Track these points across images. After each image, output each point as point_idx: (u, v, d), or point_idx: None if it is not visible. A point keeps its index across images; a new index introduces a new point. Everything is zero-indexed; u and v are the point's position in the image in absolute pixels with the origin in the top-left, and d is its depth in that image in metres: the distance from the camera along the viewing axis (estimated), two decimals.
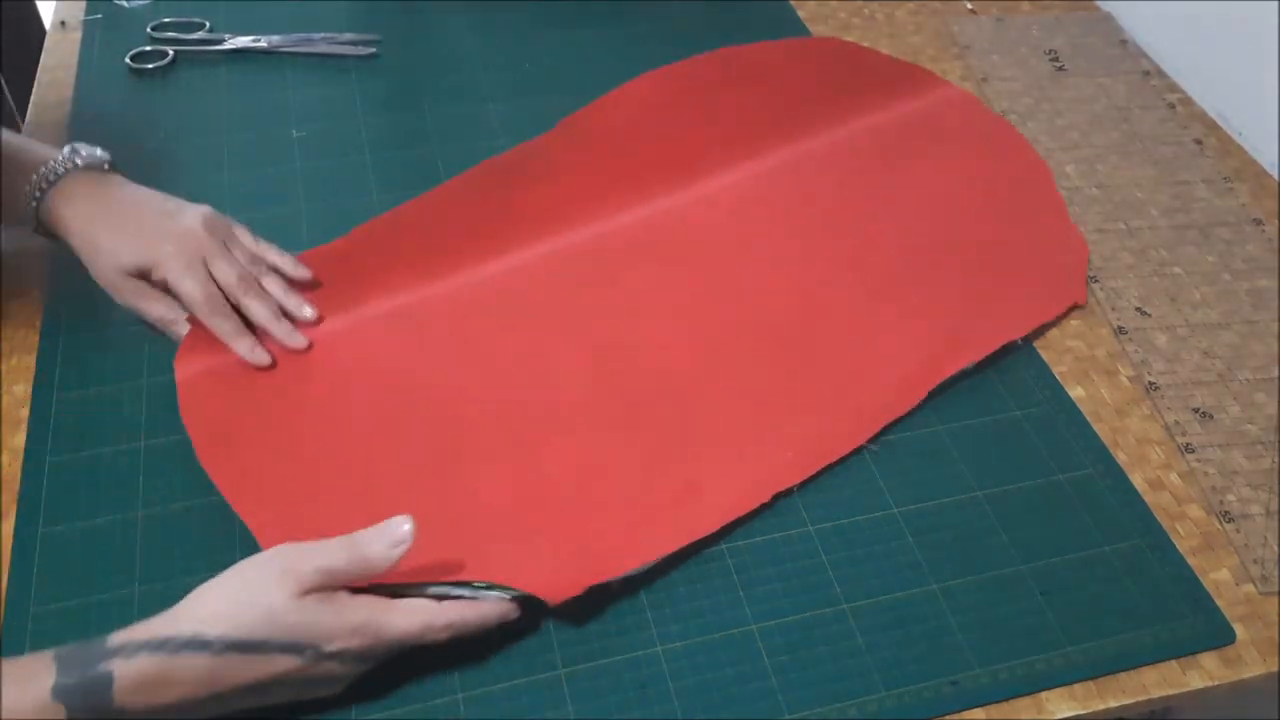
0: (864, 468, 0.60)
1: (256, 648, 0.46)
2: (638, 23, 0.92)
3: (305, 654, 0.46)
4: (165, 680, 0.45)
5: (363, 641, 0.48)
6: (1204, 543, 0.57)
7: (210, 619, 0.46)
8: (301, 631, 0.47)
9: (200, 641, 0.45)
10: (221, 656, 0.45)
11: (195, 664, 0.45)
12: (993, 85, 0.87)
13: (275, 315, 0.63)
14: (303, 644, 0.46)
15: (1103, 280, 0.71)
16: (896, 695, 0.51)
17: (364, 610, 0.48)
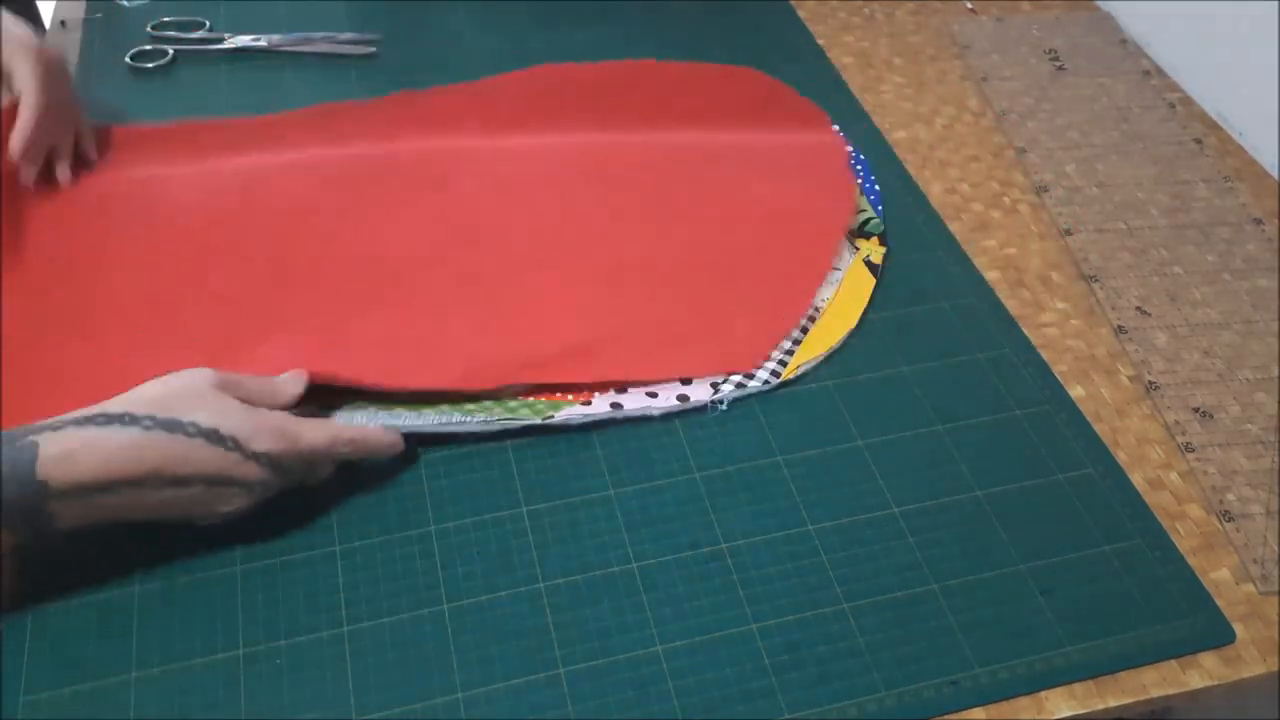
0: (864, 467, 0.60)
1: (183, 429, 0.48)
2: (638, 23, 0.92)
3: (228, 446, 0.49)
4: (90, 451, 0.46)
5: (281, 446, 0.50)
6: (1204, 542, 0.57)
7: (139, 402, 0.48)
8: (227, 422, 0.49)
9: (129, 417, 0.47)
10: (148, 433, 0.47)
11: (121, 438, 0.46)
12: (992, 85, 0.87)
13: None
14: (225, 435, 0.49)
15: (1102, 279, 0.71)
16: (896, 695, 0.51)
17: (280, 417, 0.52)
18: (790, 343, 0.66)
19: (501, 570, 0.55)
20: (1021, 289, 0.71)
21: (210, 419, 0.49)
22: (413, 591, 0.54)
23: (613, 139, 0.78)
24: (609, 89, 0.83)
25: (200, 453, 0.48)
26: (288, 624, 0.53)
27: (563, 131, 0.78)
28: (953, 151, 0.82)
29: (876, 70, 0.89)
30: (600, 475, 0.59)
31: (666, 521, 0.57)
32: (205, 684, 0.50)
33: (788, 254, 0.71)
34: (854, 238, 0.73)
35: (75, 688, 0.50)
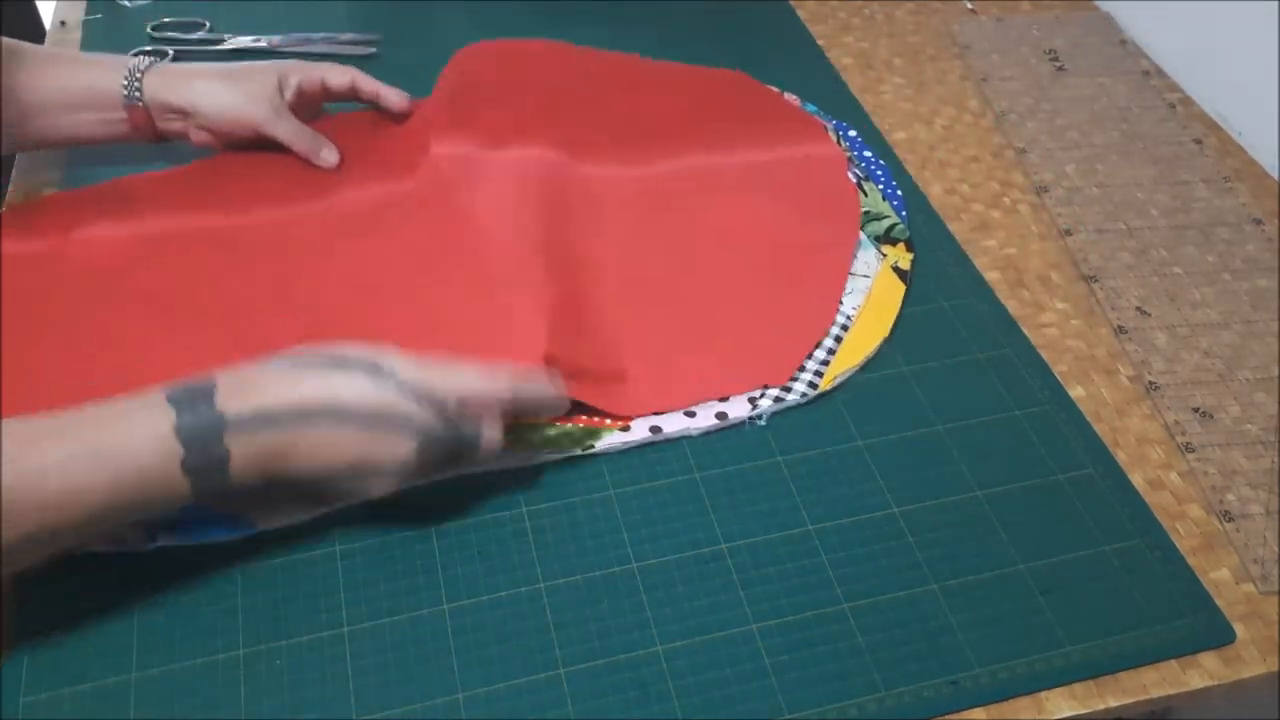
0: (863, 467, 0.60)
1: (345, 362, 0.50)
2: (637, 23, 0.92)
3: (385, 378, 0.50)
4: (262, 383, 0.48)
5: (439, 383, 0.51)
6: (1204, 542, 0.57)
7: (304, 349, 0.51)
8: (386, 359, 0.51)
9: (296, 355, 0.50)
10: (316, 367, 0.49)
11: (292, 371, 0.49)
12: (992, 85, 0.87)
13: None
14: (385, 368, 0.50)
15: (1102, 280, 0.71)
16: (896, 695, 0.51)
17: (436, 360, 0.52)
18: (825, 353, 0.65)
19: (501, 570, 0.55)
20: (1021, 289, 0.71)
21: (371, 355, 0.51)
22: (413, 591, 0.54)
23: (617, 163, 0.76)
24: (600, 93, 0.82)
25: (361, 386, 0.49)
26: (288, 624, 0.53)
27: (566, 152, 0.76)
28: (953, 152, 0.82)
29: (876, 71, 0.89)
30: (600, 475, 0.59)
31: (666, 521, 0.57)
32: (205, 684, 0.50)
33: (804, 267, 0.70)
34: (880, 244, 0.72)
35: (75, 688, 0.50)
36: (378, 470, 0.51)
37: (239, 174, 0.75)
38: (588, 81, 0.83)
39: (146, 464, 0.46)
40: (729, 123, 0.81)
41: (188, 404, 0.47)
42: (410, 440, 0.50)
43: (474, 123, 0.77)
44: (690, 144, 0.79)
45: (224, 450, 0.47)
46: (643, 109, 0.82)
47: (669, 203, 0.74)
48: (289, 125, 0.73)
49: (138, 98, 0.70)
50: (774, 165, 0.78)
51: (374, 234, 0.71)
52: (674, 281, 0.69)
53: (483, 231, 0.70)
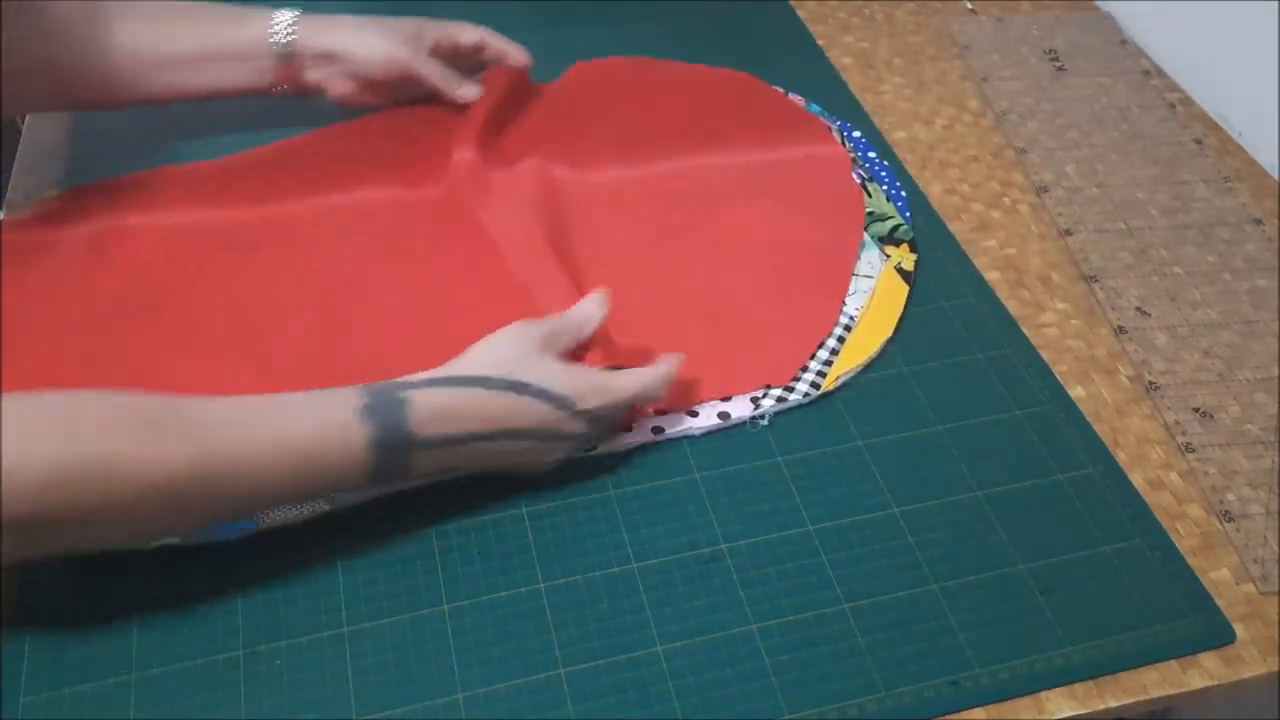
0: (864, 467, 0.60)
1: (527, 390, 0.53)
2: (637, 22, 0.92)
3: (560, 406, 0.54)
4: (456, 409, 0.52)
5: (602, 401, 0.55)
6: (1204, 542, 0.57)
7: (484, 363, 0.54)
8: (558, 383, 0.54)
9: (484, 380, 0.53)
10: (498, 394, 0.52)
11: (477, 399, 0.52)
12: (992, 85, 0.87)
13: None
14: (558, 395, 0.54)
15: (1103, 280, 0.71)
16: (896, 695, 0.51)
17: (599, 374, 0.56)
18: (828, 353, 0.65)
19: (501, 570, 0.55)
20: (1021, 289, 0.71)
21: (546, 380, 0.54)
22: (413, 591, 0.54)
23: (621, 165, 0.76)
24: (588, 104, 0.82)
25: (538, 411, 0.53)
26: (288, 624, 0.53)
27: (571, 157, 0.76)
28: (953, 152, 0.82)
29: (876, 70, 0.89)
30: (600, 475, 0.59)
31: (666, 522, 0.57)
32: (205, 684, 0.50)
33: (808, 267, 0.70)
34: (883, 245, 0.72)
35: (75, 688, 0.50)
36: (538, 464, 0.57)
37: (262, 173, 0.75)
38: (597, 85, 0.83)
39: (337, 467, 0.50)
40: (734, 123, 0.81)
41: (384, 420, 0.50)
42: (569, 445, 0.56)
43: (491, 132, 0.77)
44: (695, 145, 0.79)
45: (407, 462, 0.52)
46: (650, 110, 0.81)
47: (673, 203, 0.74)
48: (434, 66, 0.76)
49: (291, 43, 0.71)
50: (778, 166, 0.78)
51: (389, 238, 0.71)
52: (677, 282, 0.69)
53: (496, 240, 0.70)
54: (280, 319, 0.65)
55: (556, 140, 0.78)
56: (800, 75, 0.87)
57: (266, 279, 0.68)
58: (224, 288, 0.67)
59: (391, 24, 0.75)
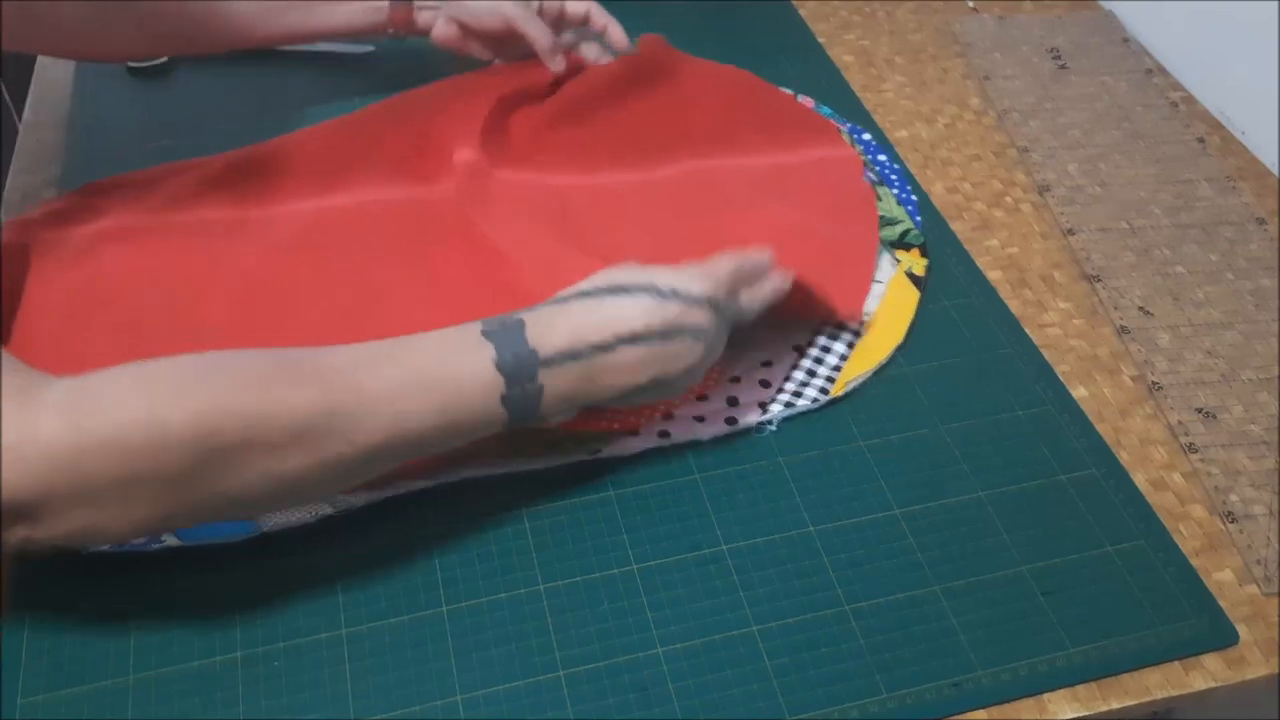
0: (865, 468, 0.60)
1: (627, 291, 0.53)
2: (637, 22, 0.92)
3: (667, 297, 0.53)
4: (565, 324, 0.51)
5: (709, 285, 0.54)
6: (1207, 543, 0.57)
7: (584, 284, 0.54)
8: (661, 278, 0.53)
9: (584, 291, 0.53)
10: (605, 298, 0.52)
11: (585, 307, 0.52)
12: (994, 84, 0.87)
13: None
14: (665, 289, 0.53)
15: (1105, 279, 0.71)
16: (898, 697, 0.50)
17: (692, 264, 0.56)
18: (837, 359, 0.65)
19: (501, 572, 0.55)
20: (1024, 289, 0.71)
21: (646, 278, 0.53)
22: (413, 593, 0.54)
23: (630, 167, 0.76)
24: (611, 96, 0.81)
25: (646, 307, 0.52)
26: (288, 624, 0.52)
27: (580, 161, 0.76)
28: (954, 151, 0.82)
29: (878, 69, 0.89)
30: (600, 477, 0.59)
31: (667, 523, 0.57)
32: (205, 685, 0.50)
33: (826, 271, 0.68)
34: (894, 249, 0.72)
35: (74, 689, 0.50)
36: (672, 378, 0.54)
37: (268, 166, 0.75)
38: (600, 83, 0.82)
39: (470, 394, 0.49)
40: (742, 126, 0.80)
41: (504, 340, 0.50)
42: (697, 343, 0.54)
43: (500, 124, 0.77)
44: (706, 147, 0.78)
45: (538, 384, 0.50)
46: (655, 111, 0.81)
47: (683, 208, 0.74)
48: (539, 27, 0.78)
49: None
50: (791, 169, 0.77)
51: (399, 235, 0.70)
52: None
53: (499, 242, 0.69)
54: (289, 315, 0.65)
55: (564, 138, 0.77)
56: (801, 74, 0.87)
57: (273, 275, 0.67)
58: (233, 285, 0.67)
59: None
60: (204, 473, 0.44)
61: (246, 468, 0.45)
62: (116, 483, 0.43)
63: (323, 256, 0.69)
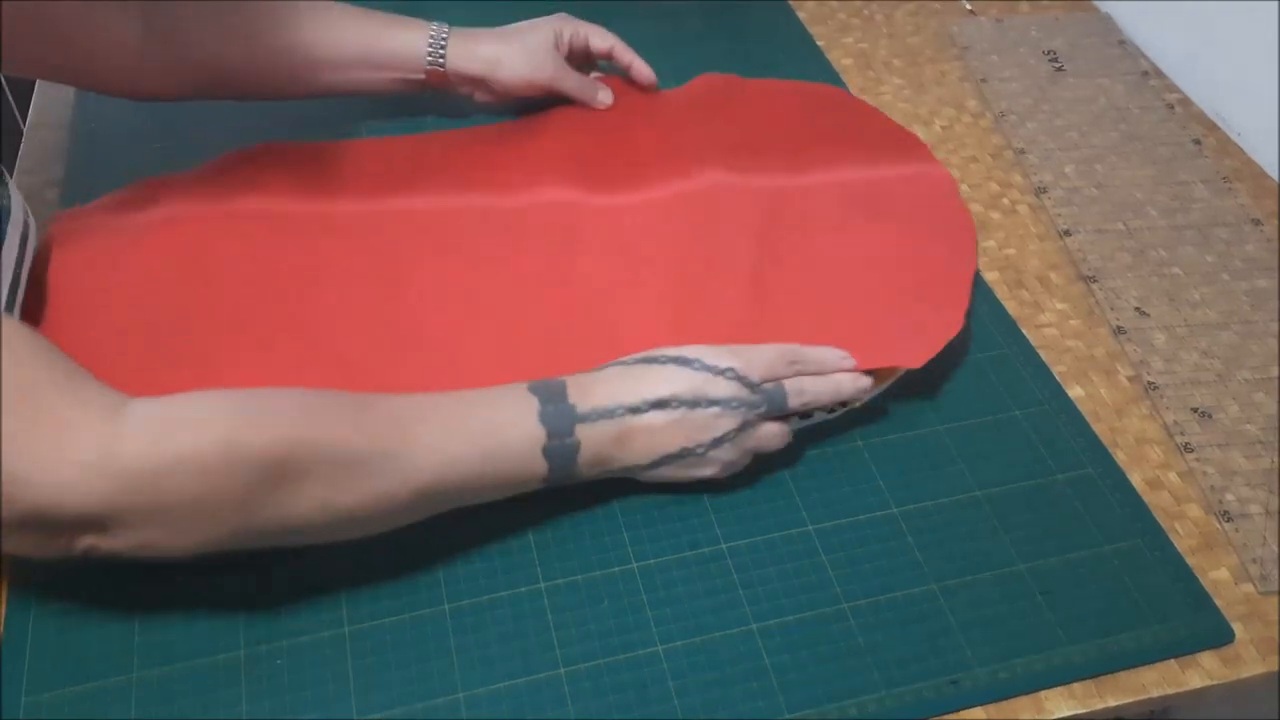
0: (863, 467, 0.60)
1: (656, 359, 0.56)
2: (638, 23, 0.92)
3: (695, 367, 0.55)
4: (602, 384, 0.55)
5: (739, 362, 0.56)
6: (1203, 542, 0.58)
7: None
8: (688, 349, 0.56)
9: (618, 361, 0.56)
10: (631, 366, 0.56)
11: (611, 371, 0.56)
12: (991, 86, 0.87)
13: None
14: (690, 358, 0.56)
15: (1101, 280, 0.71)
16: (896, 694, 0.51)
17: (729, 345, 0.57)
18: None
19: (502, 570, 0.55)
20: (1021, 289, 0.71)
21: (675, 352, 0.56)
22: (413, 591, 0.54)
23: (715, 182, 0.74)
24: (689, 116, 0.80)
25: (672, 374, 0.55)
26: (288, 624, 0.53)
27: (664, 178, 0.74)
28: (952, 152, 0.82)
29: (876, 71, 0.90)
30: None
31: (666, 522, 0.57)
32: (205, 684, 0.50)
33: (924, 290, 0.68)
34: None
35: (76, 688, 0.50)
36: (704, 448, 0.55)
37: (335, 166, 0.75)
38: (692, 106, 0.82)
39: (514, 444, 0.52)
40: (834, 141, 0.78)
41: (546, 395, 0.53)
42: (727, 414, 0.55)
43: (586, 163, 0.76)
44: (799, 163, 0.76)
45: (575, 439, 0.53)
46: (750, 128, 0.79)
47: (778, 222, 0.72)
48: (573, 79, 0.79)
49: (441, 63, 0.75)
50: (886, 185, 0.75)
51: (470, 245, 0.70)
52: (782, 310, 0.66)
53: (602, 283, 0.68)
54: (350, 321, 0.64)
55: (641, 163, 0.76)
56: (800, 76, 0.87)
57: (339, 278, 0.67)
58: (294, 285, 0.66)
59: (533, 37, 0.77)
60: (269, 498, 0.47)
61: (307, 497, 0.48)
62: (189, 502, 0.46)
63: (391, 260, 0.68)
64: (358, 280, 0.67)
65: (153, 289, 0.65)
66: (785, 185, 0.75)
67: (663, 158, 0.76)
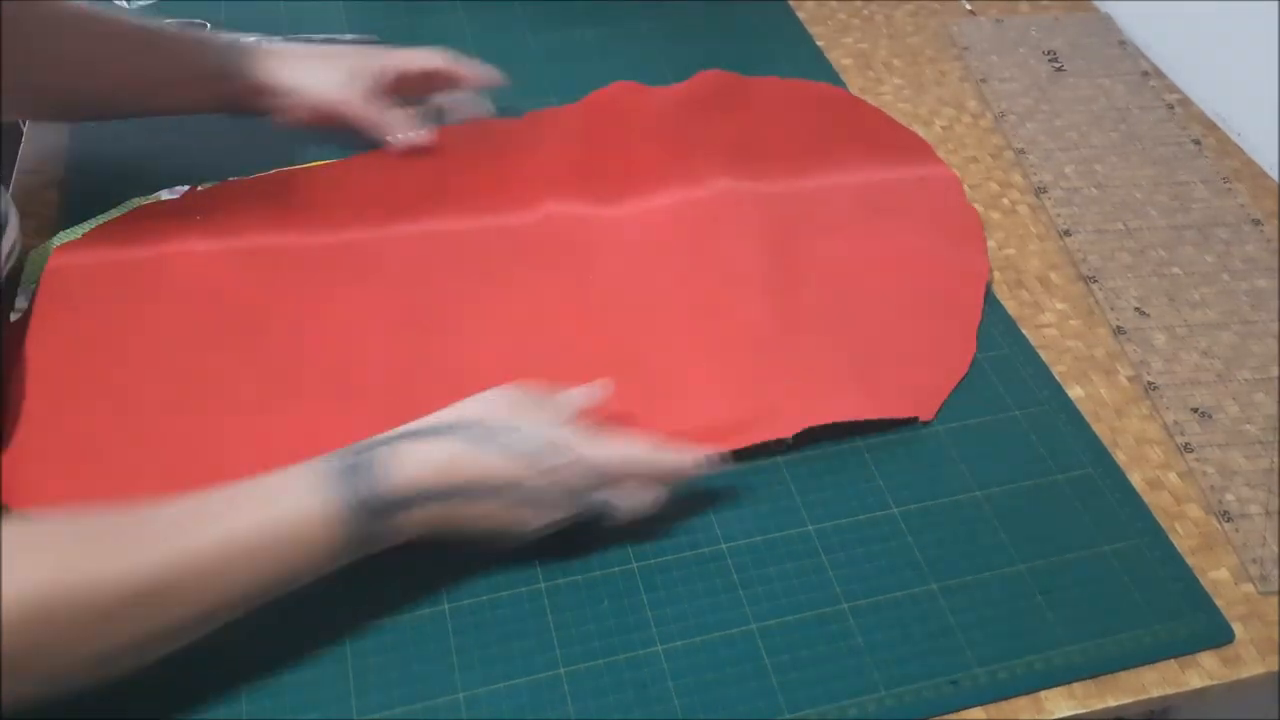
0: (863, 467, 0.60)
1: (495, 441, 0.51)
2: (638, 23, 0.92)
3: (536, 460, 0.51)
4: (423, 461, 0.49)
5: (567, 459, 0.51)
6: (1203, 542, 0.58)
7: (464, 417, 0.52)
8: (532, 435, 0.52)
9: (455, 428, 0.51)
10: (468, 445, 0.50)
11: (446, 448, 0.50)
12: (991, 86, 0.87)
13: None
14: (533, 450, 0.51)
15: (1101, 280, 0.71)
16: (896, 695, 0.51)
17: (572, 434, 0.53)
18: None
19: (501, 570, 0.55)
20: (1020, 290, 0.71)
21: (514, 433, 0.51)
22: (414, 591, 0.54)
23: (723, 189, 0.73)
24: (692, 119, 0.79)
25: (515, 465, 0.51)
26: (289, 624, 0.52)
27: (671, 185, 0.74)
28: (952, 152, 0.82)
29: (876, 72, 0.90)
30: None
31: (666, 521, 0.57)
32: (207, 684, 0.50)
33: (938, 294, 0.68)
34: None
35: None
36: (514, 534, 0.52)
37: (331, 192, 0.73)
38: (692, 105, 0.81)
39: (309, 541, 0.48)
40: (840, 143, 0.78)
41: (350, 481, 0.48)
42: (549, 511, 0.52)
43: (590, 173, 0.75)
44: (804, 165, 0.76)
45: (384, 526, 0.49)
46: (752, 129, 0.79)
47: (785, 225, 0.71)
48: (385, 113, 0.74)
49: (239, 75, 0.71)
50: (893, 187, 0.75)
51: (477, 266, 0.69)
52: (800, 306, 0.66)
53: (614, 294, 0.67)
54: (361, 346, 0.64)
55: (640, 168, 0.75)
56: (800, 76, 0.87)
57: (344, 304, 0.66)
58: (300, 314, 0.65)
59: (345, 57, 0.73)
60: (39, 651, 0.43)
61: (82, 642, 0.44)
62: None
63: (399, 283, 0.67)
64: (372, 309, 0.66)
65: (160, 326, 0.64)
66: (793, 190, 0.75)
67: (666, 163, 0.76)
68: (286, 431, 0.59)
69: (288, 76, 0.72)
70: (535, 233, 0.71)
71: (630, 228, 0.72)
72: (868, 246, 0.71)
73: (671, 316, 0.66)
